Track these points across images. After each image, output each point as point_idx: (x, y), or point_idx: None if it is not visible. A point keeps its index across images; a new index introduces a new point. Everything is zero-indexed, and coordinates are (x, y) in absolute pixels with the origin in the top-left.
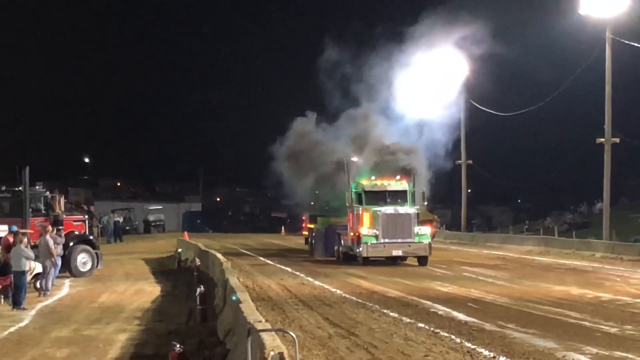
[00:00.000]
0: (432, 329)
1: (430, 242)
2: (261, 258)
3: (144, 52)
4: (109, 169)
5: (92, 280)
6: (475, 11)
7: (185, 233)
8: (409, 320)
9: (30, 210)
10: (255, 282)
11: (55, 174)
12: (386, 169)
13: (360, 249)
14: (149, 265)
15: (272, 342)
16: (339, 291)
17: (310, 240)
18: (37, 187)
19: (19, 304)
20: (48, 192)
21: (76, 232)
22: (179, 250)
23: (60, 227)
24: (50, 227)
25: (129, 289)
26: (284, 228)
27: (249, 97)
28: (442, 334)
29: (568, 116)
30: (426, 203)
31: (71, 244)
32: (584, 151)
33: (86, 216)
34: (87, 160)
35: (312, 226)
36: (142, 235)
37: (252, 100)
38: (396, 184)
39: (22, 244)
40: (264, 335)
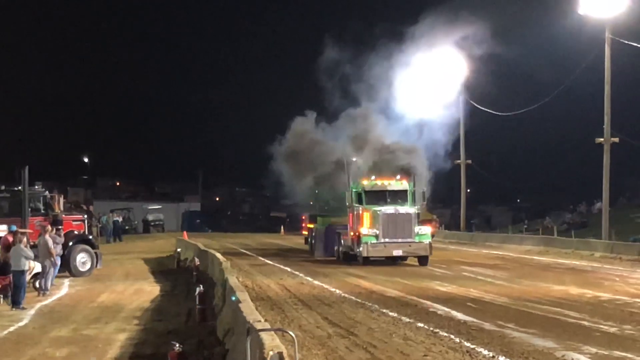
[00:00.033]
0: (431, 328)
1: (431, 241)
2: (260, 258)
3: (144, 52)
4: (108, 168)
5: (91, 279)
6: (475, 11)
7: (185, 233)
8: (408, 320)
9: (30, 209)
10: (255, 281)
11: (55, 173)
12: (386, 168)
13: (361, 249)
14: (148, 265)
15: (271, 342)
16: (338, 291)
17: (310, 240)
18: (36, 187)
19: (18, 303)
20: (47, 192)
21: (75, 232)
22: (178, 249)
23: (59, 227)
24: (49, 227)
25: (128, 288)
26: (283, 228)
27: (249, 97)
28: (441, 333)
29: (567, 116)
30: (424, 202)
31: (70, 243)
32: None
33: (85, 216)
34: (86, 160)
35: (312, 226)
36: (142, 235)
37: (252, 100)
38: (396, 183)
39: (21, 244)
40: (263, 335)
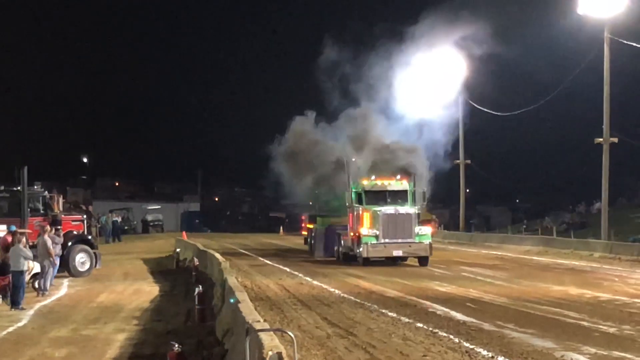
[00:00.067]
0: (430, 328)
1: (431, 242)
2: (260, 258)
3: (144, 52)
4: (107, 168)
5: (90, 280)
6: (475, 11)
7: (184, 233)
8: (407, 320)
9: (29, 210)
10: (254, 282)
11: (54, 173)
12: (386, 168)
13: (361, 249)
14: (147, 265)
15: (270, 342)
16: (337, 291)
17: (309, 240)
18: (35, 187)
19: (17, 303)
20: (46, 192)
21: (74, 232)
22: (178, 250)
23: (58, 227)
24: (48, 227)
25: (127, 288)
26: (282, 228)
27: (248, 97)
28: (440, 333)
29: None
30: (424, 203)
31: (70, 243)
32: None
33: (84, 216)
34: (85, 160)
35: (312, 226)
36: (141, 235)
37: (252, 100)
38: (396, 183)
39: (20, 244)
40: (262, 335)
